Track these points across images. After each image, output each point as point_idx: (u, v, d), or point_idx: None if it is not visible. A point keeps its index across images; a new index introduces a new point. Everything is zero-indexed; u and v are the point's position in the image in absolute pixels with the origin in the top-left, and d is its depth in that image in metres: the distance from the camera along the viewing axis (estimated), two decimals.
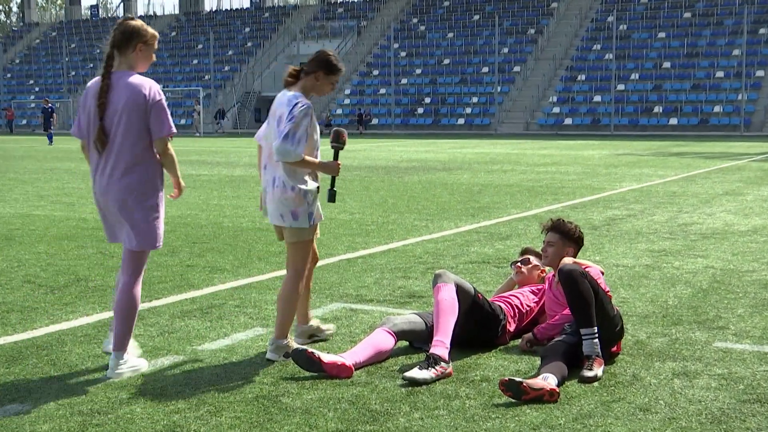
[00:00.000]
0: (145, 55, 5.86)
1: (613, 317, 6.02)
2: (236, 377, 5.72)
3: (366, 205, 16.22)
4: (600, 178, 22.42)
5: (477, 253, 10.64)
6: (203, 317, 7.41)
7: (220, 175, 23.81)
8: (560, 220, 6.83)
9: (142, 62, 5.88)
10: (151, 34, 5.88)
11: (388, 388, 5.49)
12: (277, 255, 10.41)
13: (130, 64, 5.84)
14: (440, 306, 6.03)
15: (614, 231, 12.58)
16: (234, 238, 12.01)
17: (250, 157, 32.47)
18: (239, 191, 19.05)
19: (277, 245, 11.05)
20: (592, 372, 5.62)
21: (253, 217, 14.26)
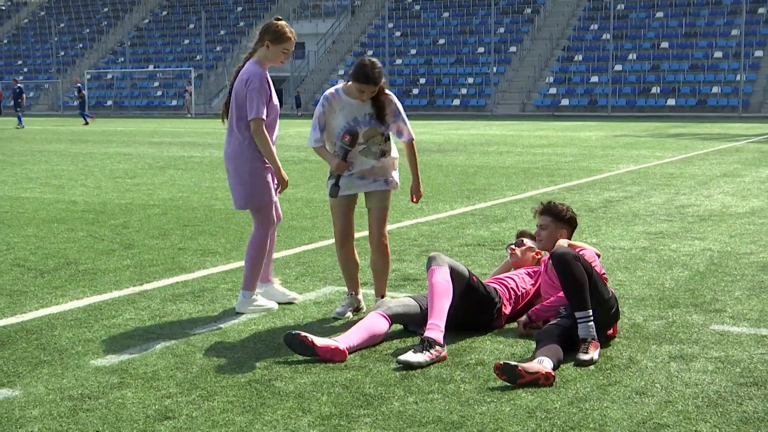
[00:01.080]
0: (272, 52, 6.87)
1: (608, 300, 6.04)
2: (229, 361, 5.73)
3: None
4: (597, 159, 22.43)
5: (472, 236, 10.65)
6: (195, 301, 7.41)
7: (212, 157, 23.78)
8: (551, 202, 6.86)
9: (270, 58, 6.90)
10: (281, 33, 6.84)
11: (382, 371, 5.50)
12: None
13: (259, 57, 6.92)
14: (434, 289, 6.04)
15: (611, 213, 12.60)
16: (226, 220, 12.01)
17: None
18: None
19: None
20: (588, 355, 5.64)
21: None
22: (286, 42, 6.89)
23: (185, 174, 18.97)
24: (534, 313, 6.43)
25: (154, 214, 12.62)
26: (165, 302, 7.37)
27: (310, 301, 7.45)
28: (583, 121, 50.89)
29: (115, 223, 11.84)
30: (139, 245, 10.06)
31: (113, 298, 7.55)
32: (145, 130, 41.98)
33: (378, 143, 6.92)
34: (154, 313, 6.99)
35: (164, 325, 6.65)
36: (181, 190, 15.69)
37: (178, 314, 6.97)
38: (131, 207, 13.47)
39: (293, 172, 18.83)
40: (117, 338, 6.28)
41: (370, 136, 6.85)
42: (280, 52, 6.91)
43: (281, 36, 6.88)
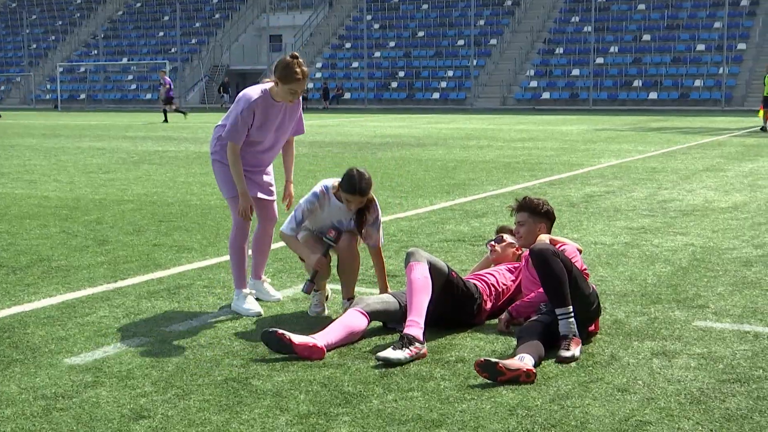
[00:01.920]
0: (281, 90, 6.75)
1: (589, 295, 6.05)
2: (205, 359, 5.72)
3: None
4: (578, 153, 22.50)
5: (452, 231, 10.66)
6: (170, 298, 7.39)
7: (188, 152, 23.71)
8: (525, 197, 6.86)
9: (280, 95, 6.80)
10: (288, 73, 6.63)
11: (361, 369, 5.51)
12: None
13: (271, 88, 6.83)
14: (413, 285, 6.04)
15: (592, 208, 12.64)
16: (202, 216, 11.98)
17: None
18: (207, 168, 18.97)
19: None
20: (569, 352, 5.65)
21: (221, 195, 14.20)
22: (292, 83, 6.68)
23: (160, 169, 18.91)
24: (515, 309, 6.44)
25: (128, 210, 12.57)
26: (140, 299, 7.35)
27: (288, 298, 7.44)
28: (565, 114, 51.03)
29: (88, 219, 11.78)
30: (114, 241, 10.03)
31: (87, 295, 7.52)
32: (119, 124, 41.80)
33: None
34: (129, 311, 6.97)
35: (139, 322, 6.63)
36: (156, 186, 15.64)
37: (154, 312, 6.95)
38: (105, 202, 13.41)
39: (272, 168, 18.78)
40: (91, 336, 6.26)
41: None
42: (287, 92, 6.74)
43: (288, 76, 6.66)
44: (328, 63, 75.58)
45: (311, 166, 19.21)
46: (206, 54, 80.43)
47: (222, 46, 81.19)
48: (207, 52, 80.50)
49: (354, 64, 74.19)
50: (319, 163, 20.17)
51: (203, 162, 20.46)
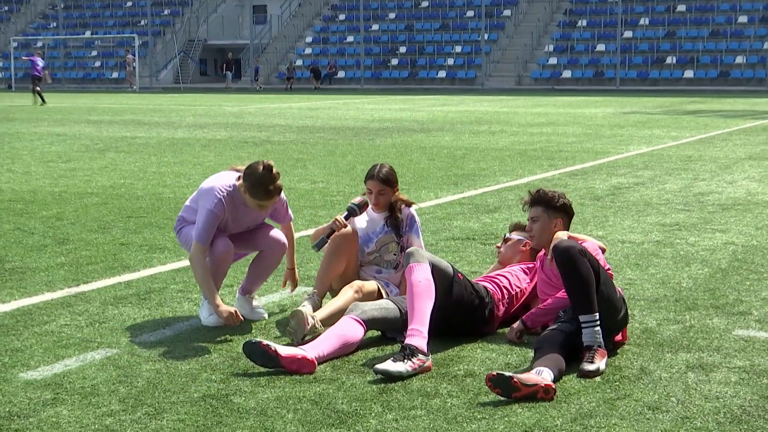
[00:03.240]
0: (248, 198, 6.78)
1: (617, 301, 6.06)
2: (179, 374, 5.72)
3: (331, 172, 16.21)
4: (603, 140, 22.50)
5: (460, 228, 10.67)
6: (140, 304, 7.39)
7: (160, 138, 23.71)
8: (539, 190, 6.81)
9: (247, 201, 6.82)
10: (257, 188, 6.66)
11: (357, 385, 5.51)
12: None
13: (240, 185, 6.85)
14: (414, 289, 6.04)
15: (620, 202, 12.65)
16: (176, 211, 11.95)
17: (194, 117, 32.35)
18: (182, 156, 18.98)
19: None
20: (594, 365, 5.66)
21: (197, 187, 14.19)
22: (262, 199, 6.74)
23: (128, 157, 18.91)
24: (529, 318, 6.44)
25: (92, 204, 12.57)
26: (105, 306, 7.35)
27: (274, 304, 7.45)
28: (588, 96, 51.05)
29: (47, 214, 11.79)
30: (75, 240, 10.03)
31: (45, 301, 7.52)
32: (82, 106, 41.79)
33: (392, 251, 7.25)
34: (93, 319, 6.97)
35: (105, 332, 6.63)
36: (124, 176, 15.64)
37: (121, 319, 6.95)
38: (66, 196, 13.41)
39: (254, 155, 18.80)
40: (50, 348, 6.26)
41: (383, 243, 7.22)
42: (255, 205, 6.81)
43: (257, 193, 6.71)
44: (319, 37, 75.55)
45: (300, 155, 19.22)
46: (180, 27, 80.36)
47: (198, 17, 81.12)
48: (181, 25, 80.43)
49: (348, 39, 74.14)
50: (309, 150, 20.17)
51: (177, 149, 20.47)
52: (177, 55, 77.82)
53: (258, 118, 31.95)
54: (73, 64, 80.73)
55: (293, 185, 14.14)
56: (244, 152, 19.85)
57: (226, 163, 17.57)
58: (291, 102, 44.65)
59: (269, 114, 34.09)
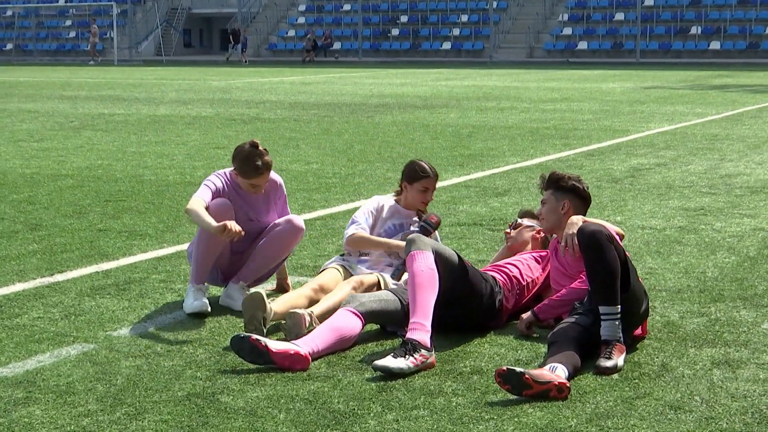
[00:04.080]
0: (241, 183, 7.20)
1: (640, 294, 6.06)
2: (162, 371, 5.73)
3: (326, 152, 16.20)
4: (622, 117, 22.48)
5: (467, 213, 10.67)
6: (119, 295, 7.40)
7: (140, 115, 23.69)
8: (551, 171, 6.88)
9: (240, 184, 7.22)
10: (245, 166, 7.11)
11: (354, 382, 5.52)
12: None
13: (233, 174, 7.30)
14: (416, 279, 6.04)
15: (640, 184, 12.64)
16: (158, 194, 11.98)
17: (177, 92, 32.31)
18: (164, 135, 18.96)
19: None
20: (612, 361, 5.67)
21: (181, 169, 14.22)
22: (253, 177, 7.16)
23: (106, 136, 18.89)
24: (541, 310, 6.45)
25: (66, 187, 12.57)
26: (82, 297, 7.35)
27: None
28: (606, 69, 50.98)
29: (17, 198, 11.79)
30: (49, 226, 10.03)
31: (16, 292, 7.53)
32: (55, 80, 41.75)
33: None
34: (69, 311, 6.97)
35: (81, 325, 6.64)
36: (102, 157, 15.63)
37: (99, 312, 6.96)
38: (38, 178, 13.41)
39: (243, 134, 18.79)
40: (22, 342, 6.26)
41: None
42: (249, 186, 7.22)
43: (247, 171, 7.16)
44: (313, 5, 75.38)
45: (293, 133, 19.20)
46: None
47: None
48: None
49: (345, 7, 74.01)
50: (302, 128, 20.15)
51: (159, 127, 20.45)
52: (159, 24, 77.64)
53: (247, 93, 31.91)
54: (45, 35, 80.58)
55: (285, 166, 14.13)
56: (232, 130, 19.82)
57: (212, 142, 17.58)
58: (282, 76, 44.58)
59: (259, 89, 34.04)
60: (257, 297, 6.32)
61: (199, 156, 15.71)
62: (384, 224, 7.47)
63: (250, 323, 6.28)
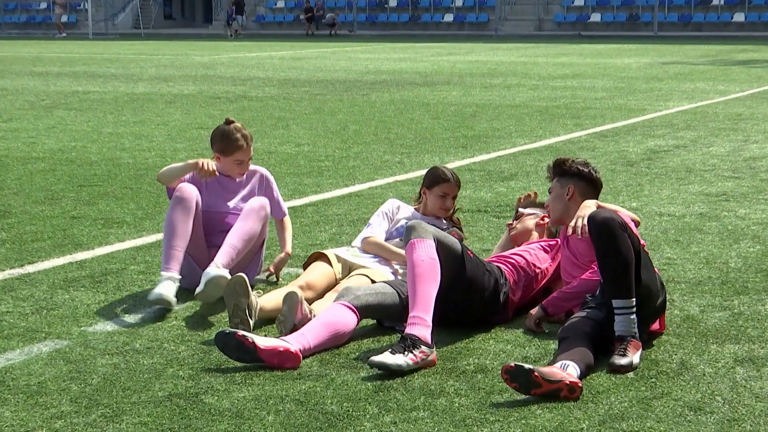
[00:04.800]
0: (225, 164, 7.48)
1: (656, 285, 6.06)
2: (141, 369, 5.73)
3: (318, 133, 16.19)
4: (638, 95, 22.48)
5: (470, 199, 10.66)
6: (95, 288, 7.39)
7: (117, 93, 23.67)
8: (555, 158, 6.93)
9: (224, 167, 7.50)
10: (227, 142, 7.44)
11: (349, 382, 5.52)
12: None
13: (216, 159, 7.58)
14: (416, 270, 6.03)
15: (657, 168, 12.64)
16: (136, 179, 11.97)
17: (158, 68, 32.29)
18: (143, 115, 18.95)
19: None
20: (626, 358, 5.67)
21: (162, 151, 14.21)
22: (236, 152, 7.45)
23: (80, 116, 18.87)
24: (551, 303, 6.45)
25: (37, 171, 12.56)
26: (54, 290, 7.35)
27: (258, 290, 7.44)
28: (621, 43, 50.96)
29: None
30: (18, 213, 10.02)
31: None
32: (25, 55, 41.71)
33: None
34: (40, 305, 6.97)
35: (54, 320, 6.64)
36: (75, 138, 15.61)
37: (72, 306, 6.96)
38: (6, 161, 13.40)
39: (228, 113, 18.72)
40: None
41: None
42: (233, 164, 7.49)
43: (228, 147, 7.48)
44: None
45: (282, 112, 19.19)
46: None
47: None
48: None
49: None
50: (293, 107, 20.13)
51: (137, 106, 20.43)
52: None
53: (232, 69, 31.88)
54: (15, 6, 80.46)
55: (273, 148, 14.13)
56: (216, 109, 19.81)
57: (195, 122, 17.57)
58: (271, 51, 44.55)
59: (245, 65, 34.03)
60: (239, 281, 6.30)
61: (181, 137, 15.70)
62: (398, 224, 7.53)
63: (234, 315, 6.27)
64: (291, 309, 6.26)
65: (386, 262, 7.22)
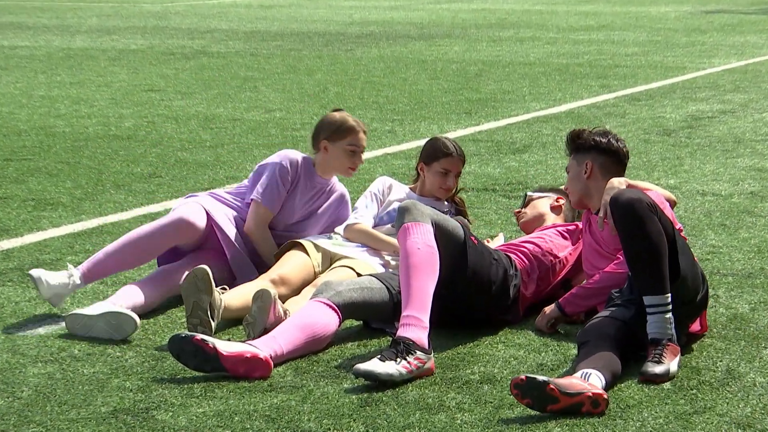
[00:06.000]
0: (330, 156, 7.55)
1: (696, 277, 6.08)
2: (81, 380, 5.74)
3: (293, 96, 16.17)
4: (677, 51, 22.48)
5: (475, 175, 10.66)
6: (25, 282, 7.39)
7: (50, 48, 23.61)
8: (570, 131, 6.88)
9: (325, 163, 7.60)
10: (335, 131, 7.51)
11: (330, 394, 5.54)
12: (145, 179, 10.38)
13: (316, 161, 7.64)
14: (410, 260, 6.03)
15: (699, 138, 12.65)
16: (74, 152, 11.95)
17: (99, 18, 32.20)
18: (82, 74, 18.90)
19: (146, 164, 11.02)
20: (662, 366, 5.69)
21: (104, 118, 14.18)
22: (350, 134, 7.53)
23: (6, 76, 18.83)
24: (569, 301, 6.46)
25: None
26: None
27: None
28: None
29: None
30: None
31: None
32: None
33: None
34: None
35: None
36: (0, 103, 15.59)
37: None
38: None
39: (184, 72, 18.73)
40: None
41: None
42: (344, 153, 7.54)
43: (340, 130, 7.54)
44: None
45: (250, 71, 19.15)
46: None
47: None
48: None
49: None
50: (262, 66, 20.10)
51: (75, 64, 20.37)
52: None
53: (189, 19, 31.80)
54: None
55: (239, 115, 14.11)
56: (170, 68, 19.76)
57: (145, 83, 17.53)
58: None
59: (205, 14, 33.94)
60: (200, 274, 6.30)
61: (128, 101, 15.67)
62: (388, 207, 7.51)
63: (193, 315, 6.27)
64: (262, 308, 6.26)
65: (375, 252, 7.22)
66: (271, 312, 6.22)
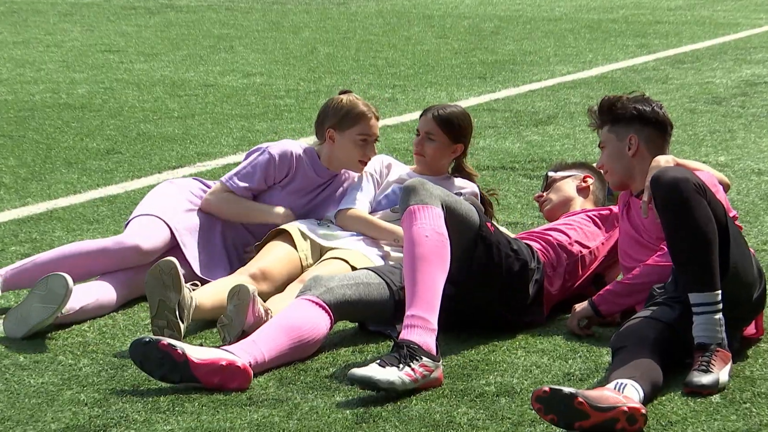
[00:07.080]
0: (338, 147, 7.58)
1: (751, 272, 6.09)
2: (28, 392, 5.75)
3: (276, 58, 16.18)
4: (728, 4, 22.48)
5: (491, 151, 10.68)
6: None
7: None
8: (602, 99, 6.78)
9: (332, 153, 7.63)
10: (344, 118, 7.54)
11: (320, 408, 5.55)
12: (102, 156, 10.39)
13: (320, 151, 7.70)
14: (417, 250, 6.03)
15: (755, 107, 12.65)
16: (18, 123, 11.97)
17: None
18: (27, 32, 18.93)
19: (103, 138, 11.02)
20: (711, 375, 5.70)
21: (54, 84, 14.19)
22: (361, 121, 7.54)
23: None
24: (604, 298, 6.47)
25: None
26: None
27: None
28: None
29: None
30: None
31: None
32: None
33: None
34: None
35: None
36: None
37: None
38: None
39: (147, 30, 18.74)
40: None
41: None
42: (354, 143, 7.54)
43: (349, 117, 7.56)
44: None
45: (225, 29, 19.16)
46: None
47: None
48: None
49: None
50: (239, 22, 20.11)
51: (20, 20, 20.39)
52: None
53: None
54: None
55: (213, 80, 14.13)
56: (131, 24, 19.76)
57: (101, 42, 17.54)
58: None
59: None
60: (167, 267, 6.29)
61: (82, 64, 15.68)
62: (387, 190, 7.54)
63: (159, 315, 6.26)
64: (239, 308, 6.26)
65: (372, 242, 7.23)
66: (250, 312, 6.21)
